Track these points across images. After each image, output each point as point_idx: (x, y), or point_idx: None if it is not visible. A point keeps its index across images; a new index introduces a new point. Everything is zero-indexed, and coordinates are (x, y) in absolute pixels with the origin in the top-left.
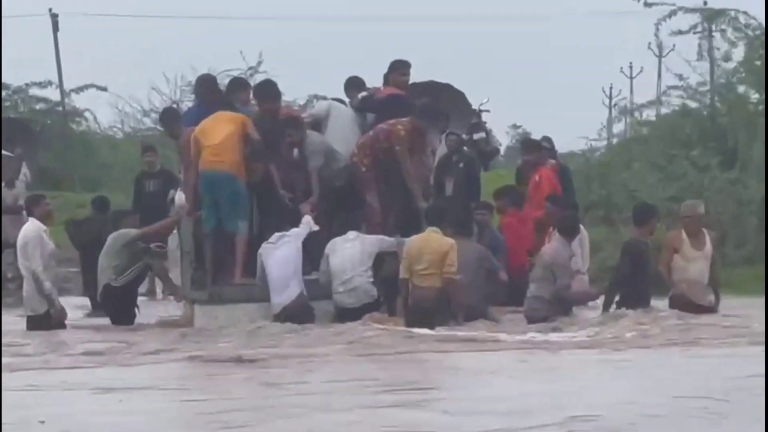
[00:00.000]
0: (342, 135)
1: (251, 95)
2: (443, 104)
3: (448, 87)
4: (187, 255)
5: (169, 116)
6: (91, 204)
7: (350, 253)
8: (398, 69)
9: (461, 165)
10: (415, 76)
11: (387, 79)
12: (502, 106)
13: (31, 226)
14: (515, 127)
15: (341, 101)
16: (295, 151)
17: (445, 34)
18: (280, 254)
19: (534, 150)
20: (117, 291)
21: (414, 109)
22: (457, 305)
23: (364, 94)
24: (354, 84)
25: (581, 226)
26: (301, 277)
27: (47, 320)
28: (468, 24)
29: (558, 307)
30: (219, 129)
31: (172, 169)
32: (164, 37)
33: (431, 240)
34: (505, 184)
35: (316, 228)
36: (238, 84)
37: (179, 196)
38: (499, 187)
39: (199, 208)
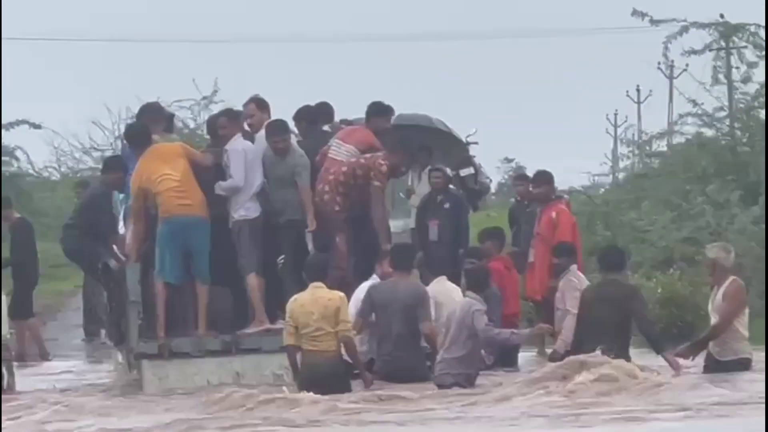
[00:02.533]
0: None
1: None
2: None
3: (435, 130)
4: (134, 305)
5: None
6: None
7: None
8: (384, 114)
9: (447, 206)
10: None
11: (367, 120)
12: (492, 137)
13: None
14: (507, 160)
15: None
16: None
17: (426, 54)
18: None
19: (545, 182)
20: None
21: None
22: (360, 365)
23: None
24: (307, 115)
25: (582, 276)
26: None
27: None
28: (452, 42)
29: (467, 368)
30: (169, 167)
31: None
32: (107, 64)
33: (318, 297)
34: (494, 225)
35: None
36: (153, 110)
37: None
38: (483, 229)
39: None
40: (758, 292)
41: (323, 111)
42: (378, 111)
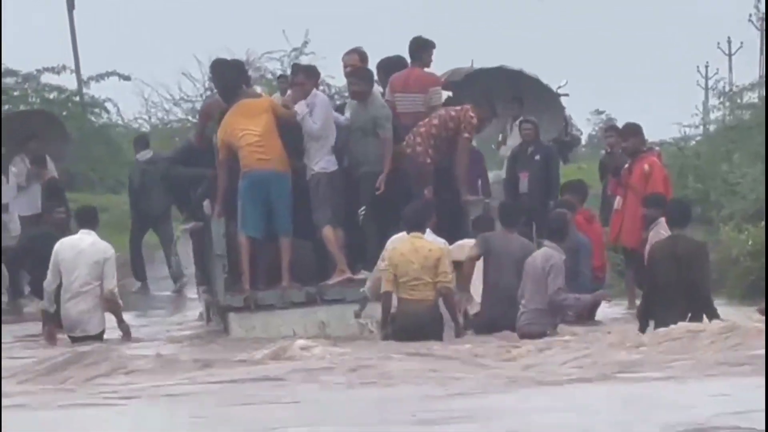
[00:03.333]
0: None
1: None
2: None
3: (529, 78)
4: (220, 259)
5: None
6: None
7: None
8: (426, 48)
9: (537, 157)
10: (484, 57)
11: (414, 58)
12: (582, 89)
13: (104, 242)
14: (597, 112)
15: None
16: None
17: (512, 6)
18: None
19: (632, 134)
20: None
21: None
22: (455, 316)
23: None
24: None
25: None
26: None
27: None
28: None
29: (552, 319)
30: (252, 123)
31: None
32: (196, 15)
33: (418, 247)
34: (577, 178)
35: None
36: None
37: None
38: (564, 182)
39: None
40: None
41: (399, 63)
42: (419, 46)
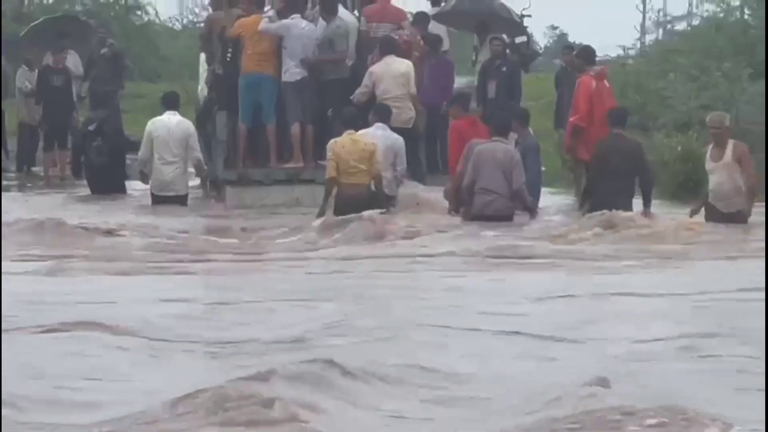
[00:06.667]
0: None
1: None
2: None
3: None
4: (221, 143)
5: None
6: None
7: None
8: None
9: (504, 69)
10: None
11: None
12: (539, 6)
13: (185, 120)
14: (553, 28)
15: None
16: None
17: None
18: None
19: (580, 56)
20: None
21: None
22: (385, 196)
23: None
24: None
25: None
26: None
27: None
28: None
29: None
30: (257, 35)
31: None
32: None
33: (357, 142)
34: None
35: None
36: None
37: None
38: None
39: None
40: (762, 152)
41: None
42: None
